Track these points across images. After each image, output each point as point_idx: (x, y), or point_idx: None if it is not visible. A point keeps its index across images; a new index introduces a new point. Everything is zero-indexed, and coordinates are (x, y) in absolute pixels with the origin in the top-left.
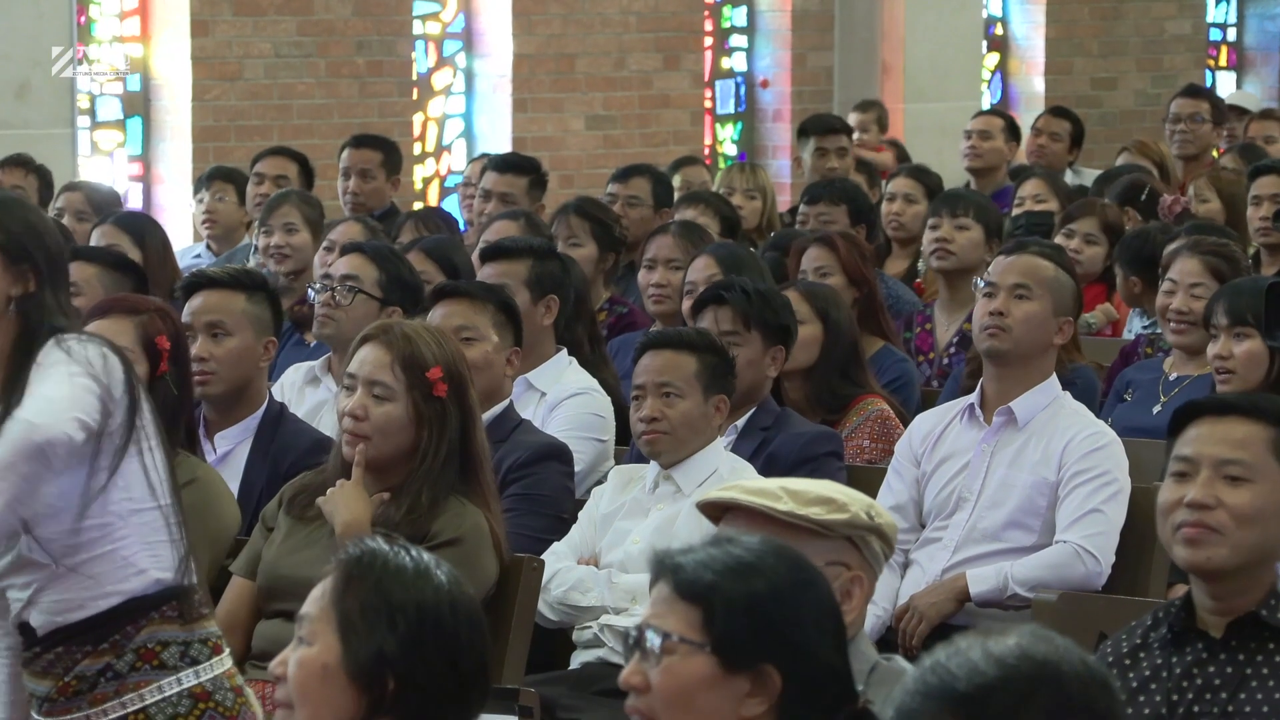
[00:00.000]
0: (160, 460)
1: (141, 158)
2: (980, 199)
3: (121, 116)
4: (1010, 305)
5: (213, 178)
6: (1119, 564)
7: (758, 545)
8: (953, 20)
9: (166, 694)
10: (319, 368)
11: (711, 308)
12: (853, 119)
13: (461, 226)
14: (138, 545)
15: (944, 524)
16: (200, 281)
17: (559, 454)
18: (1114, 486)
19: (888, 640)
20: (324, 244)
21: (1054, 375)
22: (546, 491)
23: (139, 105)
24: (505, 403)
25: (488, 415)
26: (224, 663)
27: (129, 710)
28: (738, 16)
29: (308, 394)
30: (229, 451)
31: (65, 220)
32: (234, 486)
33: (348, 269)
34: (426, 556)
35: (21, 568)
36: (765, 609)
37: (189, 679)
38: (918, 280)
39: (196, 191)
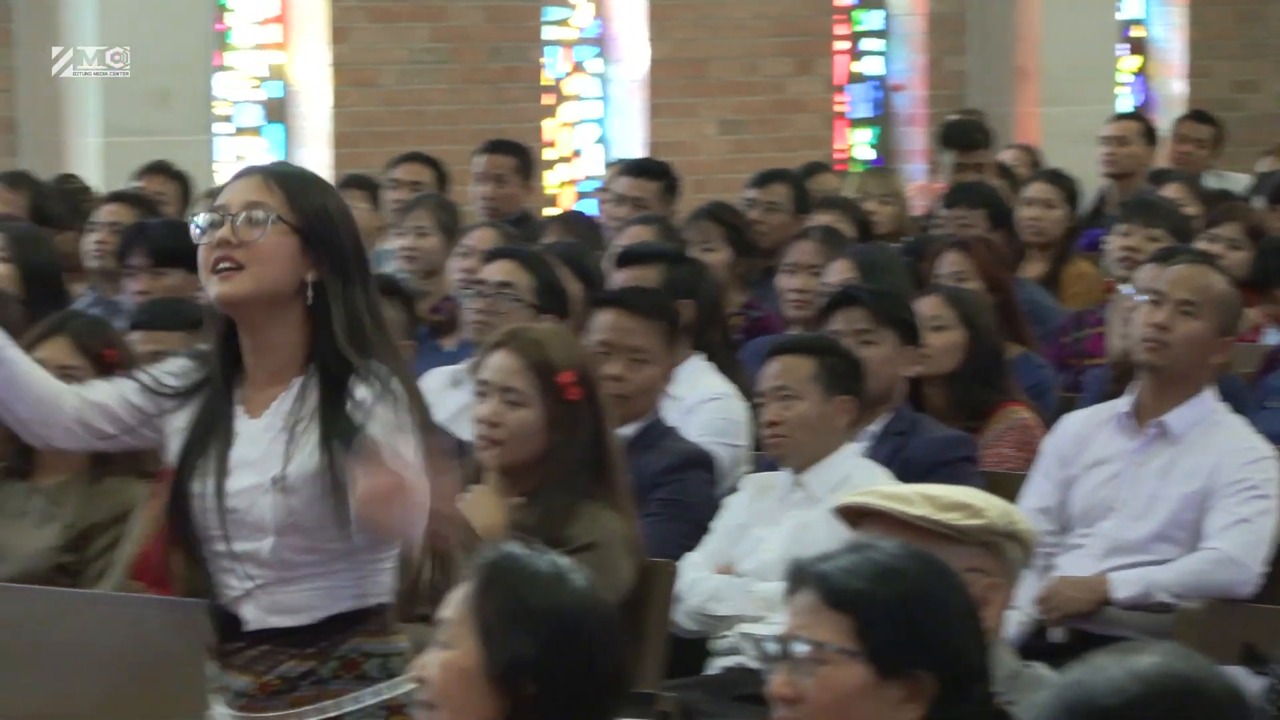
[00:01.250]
0: None
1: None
2: (1172, 209)
3: (262, 123)
4: (1175, 320)
5: (344, 186)
6: (1271, 575)
7: (898, 550)
8: (1088, 23)
9: (363, 704)
10: (463, 371)
11: (843, 308)
12: None
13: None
14: (362, 568)
15: (1089, 531)
16: None
17: (703, 462)
18: (1266, 502)
19: (1031, 646)
20: (459, 249)
21: (1210, 388)
22: (690, 499)
23: (279, 112)
24: (657, 412)
25: (638, 424)
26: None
27: (326, 716)
28: (871, 20)
29: (450, 398)
30: None
31: None
32: None
33: (503, 275)
34: (563, 561)
35: (252, 560)
36: (916, 613)
37: (385, 691)
38: (1108, 279)
39: None
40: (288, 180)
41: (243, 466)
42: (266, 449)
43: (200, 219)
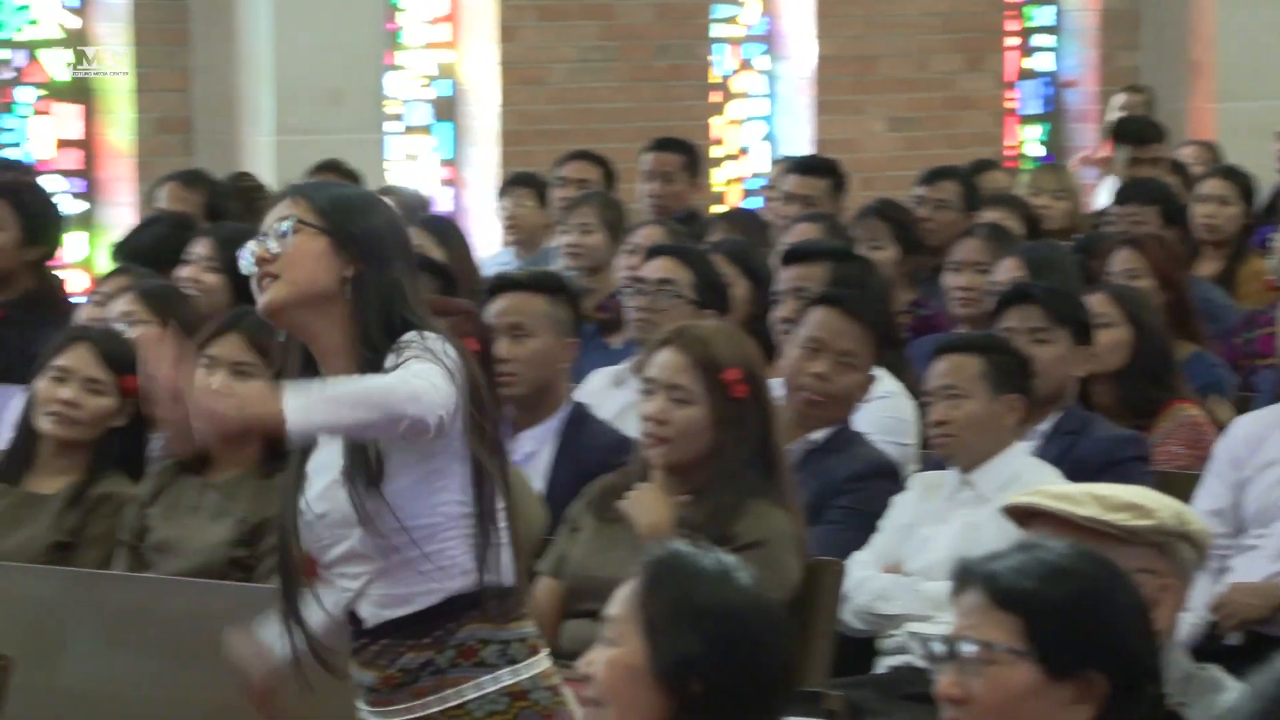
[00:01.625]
0: (495, 462)
1: (451, 162)
2: None
3: (431, 121)
4: None
5: (513, 184)
6: None
7: (1067, 550)
8: (1265, 16)
9: (485, 691)
10: (626, 370)
11: (1017, 305)
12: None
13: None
14: (465, 546)
15: (1264, 532)
16: (503, 283)
17: (889, 471)
18: None
19: (1205, 648)
20: (626, 247)
21: None
22: (875, 508)
23: (448, 110)
24: (852, 417)
25: (830, 429)
26: (541, 663)
27: (448, 705)
28: (1043, 16)
29: (614, 396)
30: (533, 452)
31: None
32: (538, 487)
33: (663, 273)
34: (729, 559)
35: (353, 559)
36: (1086, 614)
37: (506, 678)
38: (1269, 278)
39: (499, 198)
40: (311, 190)
41: (319, 471)
42: (334, 447)
43: (251, 245)
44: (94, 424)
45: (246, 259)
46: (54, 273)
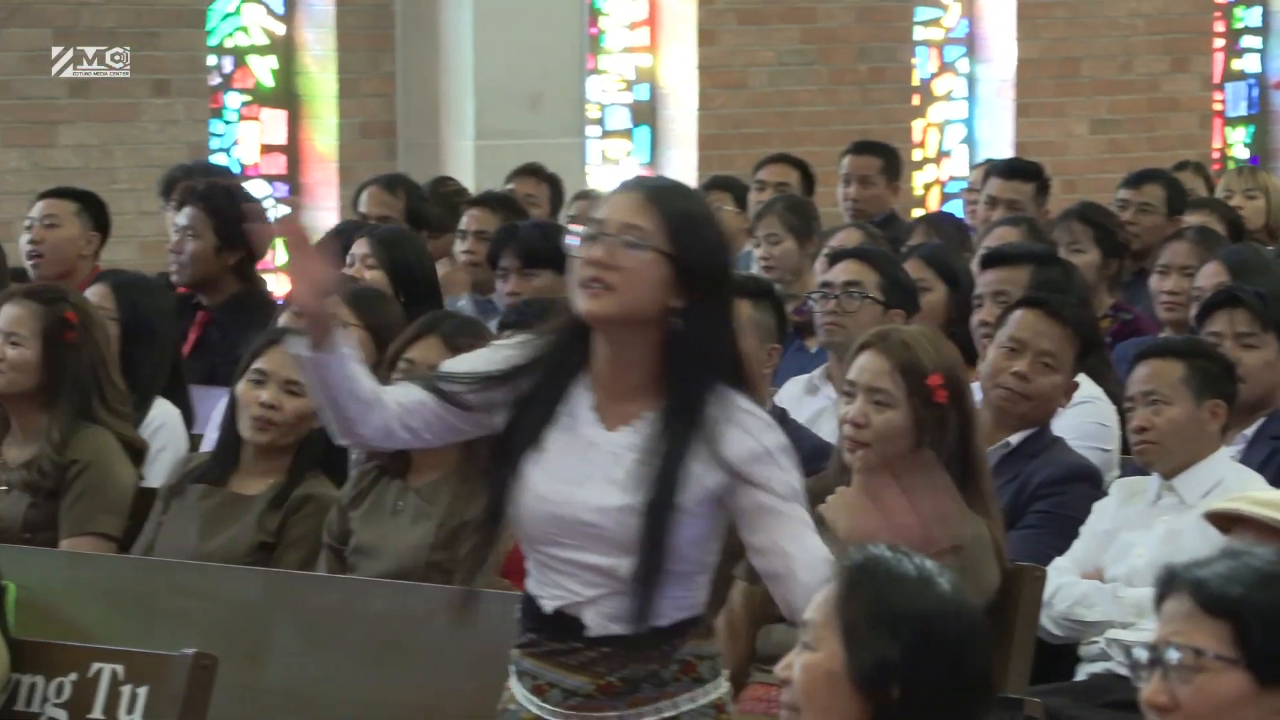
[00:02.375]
0: None
1: (649, 166)
2: None
3: (630, 126)
4: None
5: (709, 188)
6: None
7: (1275, 557)
8: None
9: (698, 704)
10: (818, 376)
11: (1225, 309)
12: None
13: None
14: (706, 578)
15: None
16: None
17: (1089, 476)
18: None
19: None
20: (825, 251)
21: None
22: (1073, 513)
23: (647, 114)
24: (1048, 420)
25: (1027, 432)
26: (727, 676)
27: (662, 715)
28: (1250, 17)
29: (807, 403)
30: None
31: None
32: None
33: (849, 275)
34: (928, 564)
35: (599, 573)
36: None
37: (713, 691)
38: None
39: None
40: (668, 203)
41: (605, 482)
42: (633, 470)
43: (579, 230)
44: (293, 425)
45: (578, 242)
46: (259, 275)
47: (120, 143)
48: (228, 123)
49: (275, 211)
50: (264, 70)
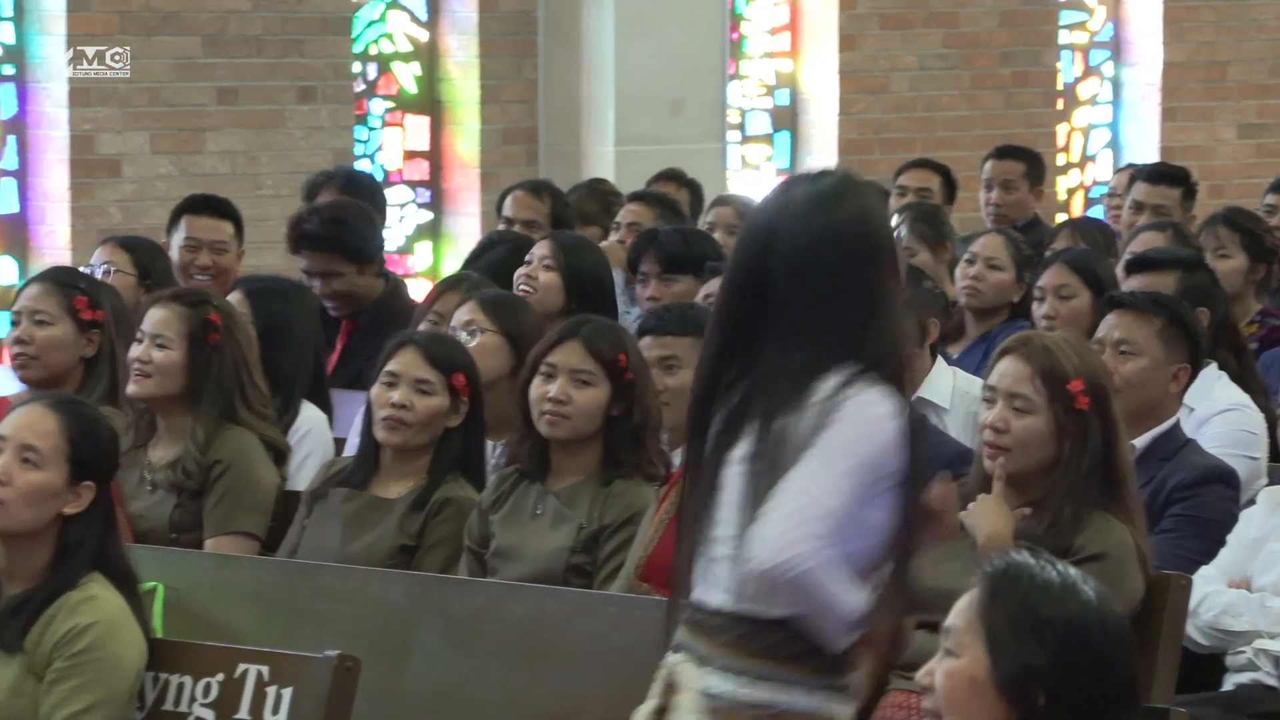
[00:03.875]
0: None
1: (789, 171)
2: None
3: (770, 131)
4: None
5: None
6: None
7: None
8: None
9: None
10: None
11: None
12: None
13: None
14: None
15: None
16: None
17: (1225, 477)
18: None
19: None
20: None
21: None
22: (1210, 515)
23: (787, 119)
24: (1171, 421)
25: (1151, 433)
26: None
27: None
28: None
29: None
30: None
31: (716, 234)
32: None
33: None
34: (1072, 571)
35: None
36: None
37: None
38: None
39: None
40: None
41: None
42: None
43: None
44: (425, 424)
45: None
46: (399, 280)
47: (266, 149)
48: (371, 129)
49: (415, 216)
50: (408, 77)
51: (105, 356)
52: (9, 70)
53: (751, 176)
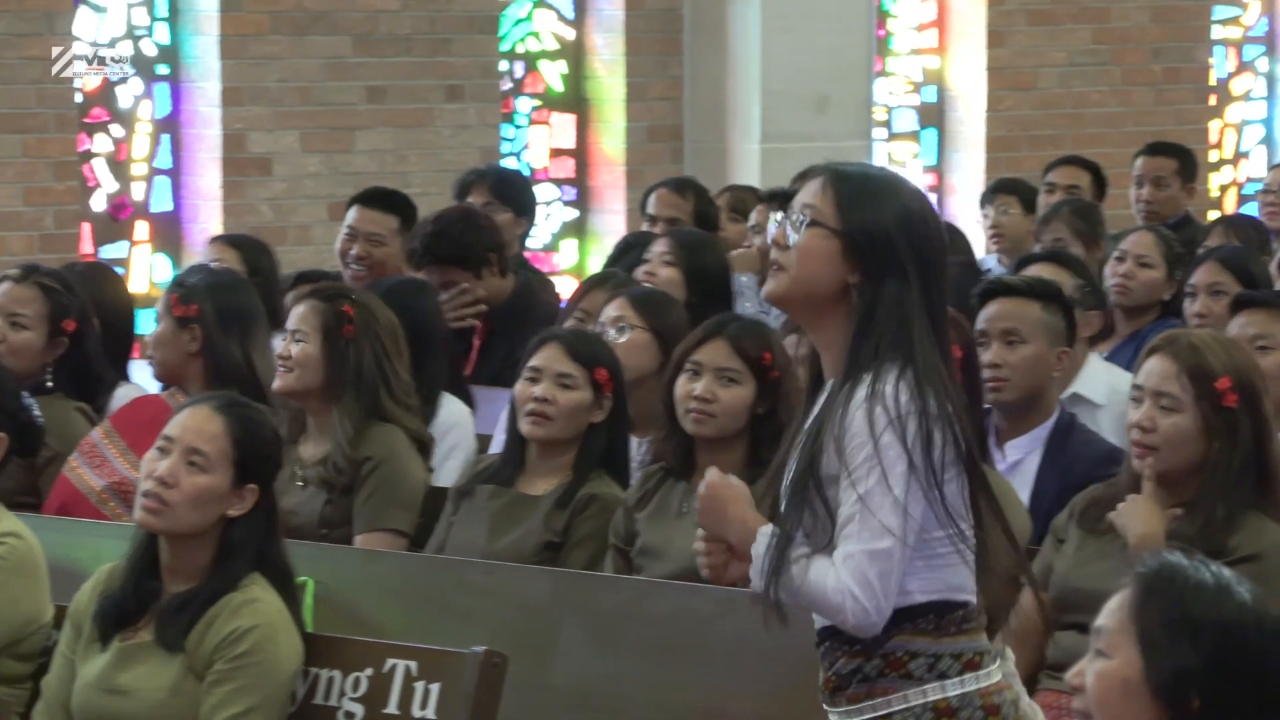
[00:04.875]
0: (962, 486)
1: (935, 168)
2: None
3: (917, 128)
4: None
5: (996, 191)
6: None
7: None
8: None
9: (911, 704)
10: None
11: None
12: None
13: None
14: (917, 569)
15: None
16: (996, 288)
17: None
18: None
19: None
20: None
21: None
22: None
23: (934, 117)
24: None
25: None
26: (977, 680)
27: (877, 714)
28: None
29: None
30: (1019, 460)
31: None
32: (1024, 495)
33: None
34: (1226, 572)
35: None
36: None
37: (934, 692)
38: None
39: (982, 206)
40: (844, 182)
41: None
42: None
43: (777, 217)
44: (568, 418)
45: (772, 230)
46: (537, 275)
47: (414, 147)
48: (518, 127)
49: (561, 214)
50: (554, 75)
51: (214, 351)
52: (164, 70)
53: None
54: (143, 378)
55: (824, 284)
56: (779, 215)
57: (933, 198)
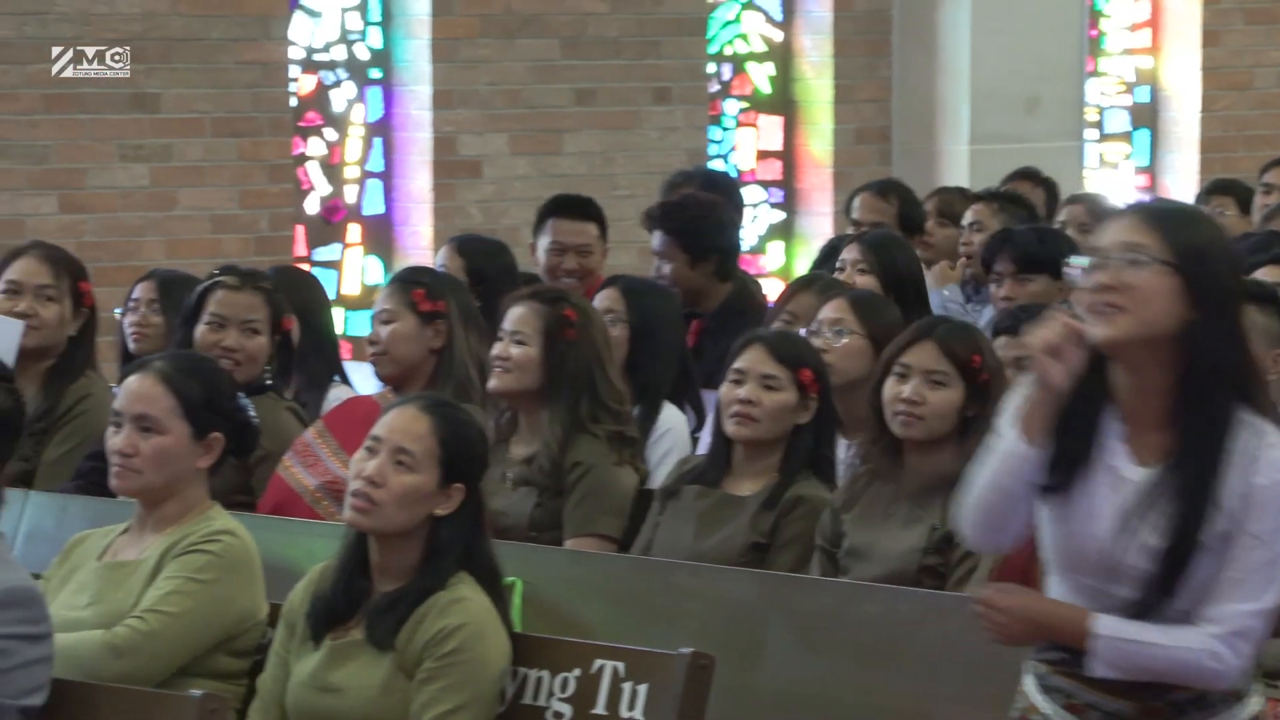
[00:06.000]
0: None
1: (1148, 169)
2: None
3: (1129, 129)
4: None
5: (1211, 192)
6: None
7: None
8: None
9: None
10: None
11: None
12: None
13: None
14: None
15: None
16: None
17: None
18: None
19: None
20: None
21: None
22: None
23: (1147, 117)
24: None
25: None
26: (1263, 694)
27: None
28: None
29: None
30: None
31: (1069, 232)
32: None
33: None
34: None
35: (1121, 602)
36: None
37: (1253, 705)
38: None
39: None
40: (1166, 217)
41: (1141, 522)
42: (1166, 508)
43: (1083, 262)
44: (774, 419)
45: (1077, 275)
46: (750, 279)
47: (621, 149)
48: (725, 129)
49: (768, 215)
50: (762, 77)
51: (454, 348)
52: (376, 74)
53: (1109, 175)
54: (357, 379)
55: (1167, 323)
56: (1083, 261)
57: (1145, 200)
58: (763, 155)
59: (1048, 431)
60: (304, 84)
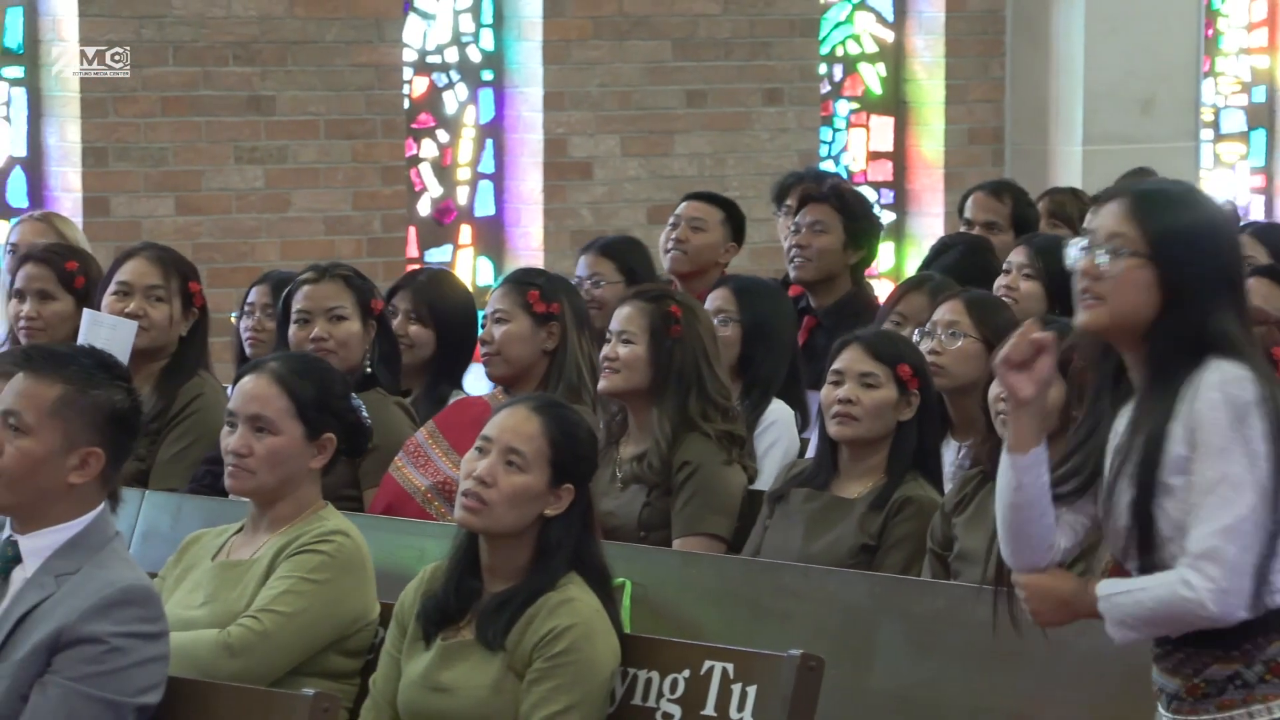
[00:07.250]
0: None
1: (1264, 170)
2: None
3: (1245, 129)
4: None
5: None
6: None
7: None
8: None
9: None
10: None
11: None
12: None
13: None
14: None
15: None
16: None
17: None
18: None
19: None
20: None
21: None
22: None
23: (1263, 117)
24: None
25: None
26: None
27: None
28: None
29: None
30: None
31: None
32: None
33: None
34: None
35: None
36: None
37: None
38: None
39: None
40: (1146, 205)
41: (1114, 483)
42: (1127, 462)
43: (1072, 245)
44: (876, 417)
45: (1073, 258)
46: (868, 280)
47: (732, 151)
48: (837, 130)
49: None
50: (873, 77)
51: (566, 350)
52: (488, 76)
53: (1225, 175)
54: (468, 380)
55: (1144, 312)
56: (1081, 242)
57: (1261, 200)
58: (874, 156)
59: (1039, 437)
60: (417, 86)
